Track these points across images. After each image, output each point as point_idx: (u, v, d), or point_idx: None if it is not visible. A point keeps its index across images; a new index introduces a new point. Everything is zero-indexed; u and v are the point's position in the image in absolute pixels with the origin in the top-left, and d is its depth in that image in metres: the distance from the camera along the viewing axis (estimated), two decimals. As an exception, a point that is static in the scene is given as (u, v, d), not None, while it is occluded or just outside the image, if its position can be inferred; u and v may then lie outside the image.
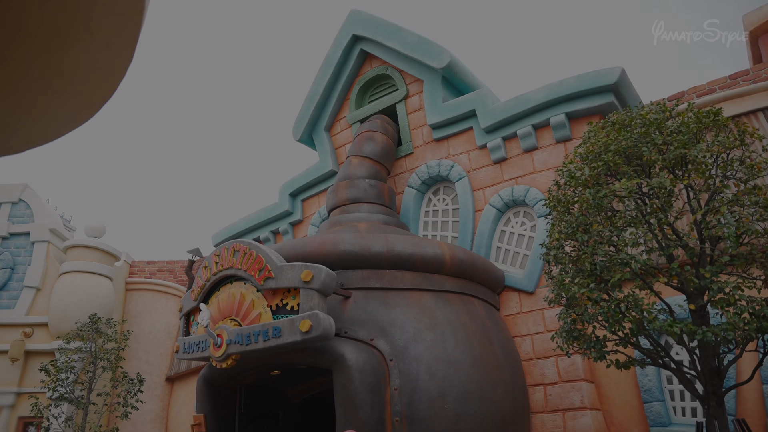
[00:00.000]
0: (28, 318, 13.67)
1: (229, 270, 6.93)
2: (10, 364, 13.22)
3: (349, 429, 6.24)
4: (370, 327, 6.91)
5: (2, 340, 13.44)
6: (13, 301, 14.01)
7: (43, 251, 14.42)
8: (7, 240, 14.73)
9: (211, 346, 6.85)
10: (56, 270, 14.19)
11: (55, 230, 14.87)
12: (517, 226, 8.94)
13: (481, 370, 7.09)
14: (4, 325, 13.62)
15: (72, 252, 14.24)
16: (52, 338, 13.31)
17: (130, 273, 16.04)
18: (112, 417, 13.37)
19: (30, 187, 15.39)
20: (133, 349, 14.58)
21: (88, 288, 13.49)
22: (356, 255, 7.31)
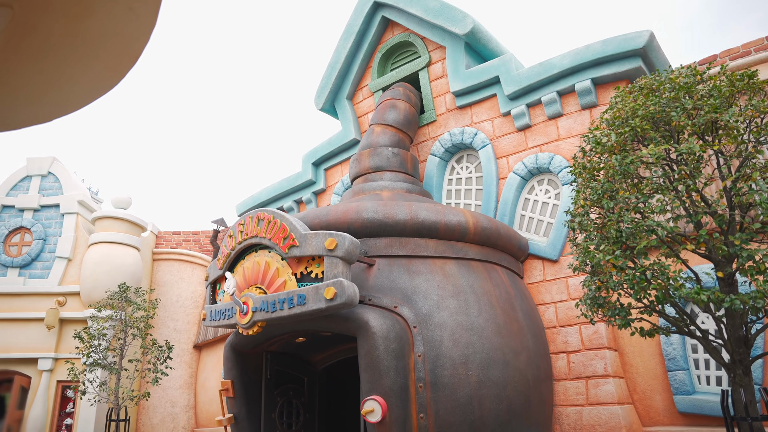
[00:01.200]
0: (61, 287, 14.05)
1: (254, 239, 7.01)
2: (47, 331, 13.66)
3: (374, 394, 6.34)
4: (394, 294, 6.96)
5: (38, 309, 13.88)
6: (46, 271, 14.40)
7: (72, 223, 14.73)
8: (38, 212, 15.06)
9: (237, 314, 6.97)
10: (86, 241, 14.51)
11: (84, 202, 15.15)
12: (541, 194, 8.87)
13: (505, 337, 7.12)
14: (39, 294, 14.05)
15: (100, 223, 14.52)
16: (84, 307, 13.68)
17: (157, 243, 16.33)
18: (143, 382, 13.79)
19: (58, 160, 15.65)
20: (162, 318, 14.94)
21: (117, 258, 13.79)
22: (380, 223, 7.33)
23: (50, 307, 13.66)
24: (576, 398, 7.63)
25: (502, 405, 6.80)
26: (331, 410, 9.39)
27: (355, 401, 8.27)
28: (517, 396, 6.96)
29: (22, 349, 13.69)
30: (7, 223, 14.97)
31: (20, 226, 14.91)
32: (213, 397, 14.00)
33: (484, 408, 6.67)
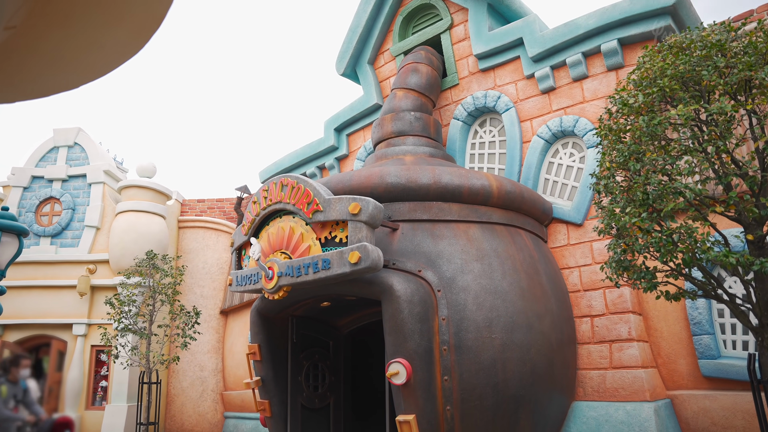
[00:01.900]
0: (90, 255, 14.36)
1: (278, 204, 7.07)
2: (80, 298, 14.04)
3: (398, 357, 6.43)
4: (418, 258, 7.00)
5: (70, 276, 14.24)
6: (76, 240, 14.71)
7: (99, 192, 14.96)
8: (66, 182, 15.32)
9: (262, 279, 7.08)
10: (113, 210, 14.76)
11: (109, 171, 15.35)
12: (566, 157, 8.76)
13: (528, 301, 7.13)
14: (70, 262, 14.39)
15: (126, 192, 14.73)
16: (113, 274, 14.00)
17: (182, 211, 16.54)
18: (172, 347, 14.15)
19: (83, 131, 15.84)
20: (188, 284, 15.23)
21: (143, 226, 14.01)
22: (403, 187, 7.33)
23: (81, 275, 14.01)
24: (599, 362, 7.65)
25: (526, 368, 6.85)
26: (356, 373, 9.55)
27: (380, 364, 8.39)
28: (540, 359, 7.00)
29: (58, 315, 14.12)
30: (38, 194, 15.28)
31: (50, 196, 15.20)
32: (240, 361, 14.32)
33: (507, 371, 6.73)
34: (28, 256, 14.17)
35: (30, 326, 14.34)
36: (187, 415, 14.77)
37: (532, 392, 6.89)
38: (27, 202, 15.19)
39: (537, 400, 6.95)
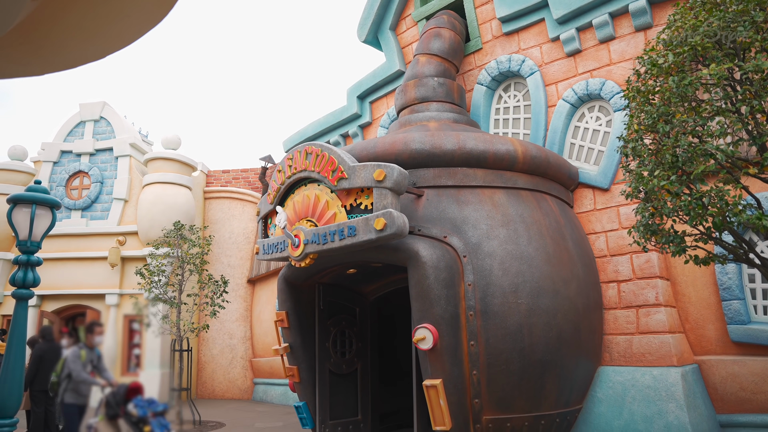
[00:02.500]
0: (120, 227, 14.65)
1: (303, 172, 7.09)
2: (111, 269, 14.38)
3: (425, 323, 6.49)
4: (443, 224, 6.99)
5: (101, 248, 14.57)
6: (105, 213, 15.00)
7: (126, 165, 15.17)
8: (94, 156, 15.56)
9: (289, 247, 7.15)
10: (140, 182, 14.97)
11: (135, 144, 15.54)
12: (592, 121, 8.61)
13: (554, 266, 7.11)
14: (100, 234, 14.71)
15: (152, 164, 14.92)
16: (142, 245, 14.27)
17: (207, 182, 16.72)
18: (202, 315, 14.44)
19: (109, 105, 16.00)
20: (216, 254, 15.47)
21: (170, 198, 14.22)
22: (427, 153, 7.30)
23: (112, 247, 14.31)
24: (626, 327, 7.62)
25: (552, 333, 6.86)
26: (382, 339, 9.66)
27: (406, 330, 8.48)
28: (566, 324, 7.00)
29: (91, 285, 14.50)
30: (67, 168, 15.56)
31: (79, 170, 15.48)
32: (268, 329, 14.60)
33: (533, 336, 6.75)
34: (61, 229, 14.51)
35: (66, 296, 14.77)
36: (217, 382, 15.16)
37: (558, 357, 6.91)
38: (57, 177, 15.50)
39: (563, 364, 6.97)
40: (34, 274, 6.27)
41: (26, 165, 15.95)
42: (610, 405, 7.31)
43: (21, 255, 6.24)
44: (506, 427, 6.73)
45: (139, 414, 6.34)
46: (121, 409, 6.33)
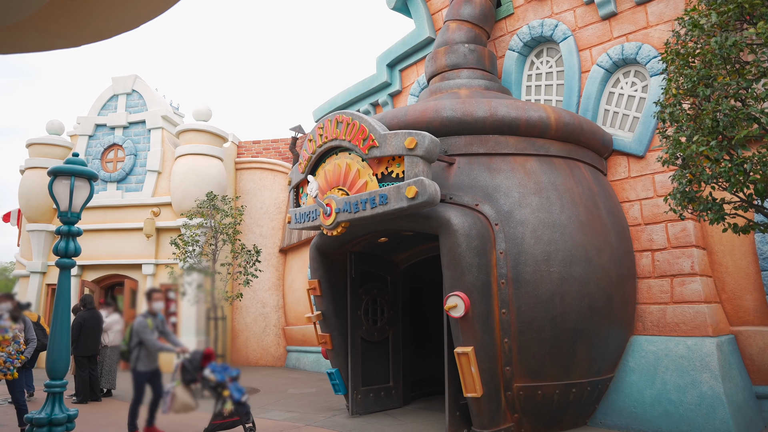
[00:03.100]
0: (154, 199, 14.93)
1: (334, 141, 7.10)
2: (146, 240, 14.71)
3: (457, 291, 6.51)
4: (475, 192, 6.96)
5: (136, 219, 14.90)
6: (140, 185, 15.30)
7: (158, 137, 15.39)
8: (127, 129, 15.81)
9: (321, 216, 7.21)
10: (172, 154, 15.18)
11: (167, 117, 15.71)
12: (627, 86, 8.40)
13: (587, 234, 7.04)
14: (136, 206, 15.03)
15: (184, 136, 15.09)
16: (176, 216, 14.54)
17: (238, 153, 16.87)
18: (235, 284, 14.73)
19: (140, 78, 16.17)
20: (248, 224, 15.69)
21: (202, 169, 14.40)
22: (459, 121, 7.23)
23: (147, 218, 14.62)
24: (660, 296, 7.53)
25: (584, 301, 6.83)
26: (413, 307, 9.73)
27: (437, 298, 8.53)
28: (599, 293, 6.96)
29: (128, 256, 14.88)
30: (102, 141, 15.85)
31: (113, 143, 15.76)
32: (300, 297, 14.82)
33: (566, 304, 6.73)
34: (97, 201, 14.86)
35: (104, 266, 15.20)
36: (251, 349, 15.51)
37: (591, 326, 6.89)
38: (93, 150, 15.81)
39: (595, 333, 6.95)
40: (75, 244, 6.45)
41: (63, 139, 16.30)
42: (642, 374, 7.28)
43: (62, 226, 6.42)
44: (537, 395, 6.77)
45: (218, 379, 6.59)
46: (198, 375, 6.57)
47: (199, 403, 6.74)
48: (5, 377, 4.51)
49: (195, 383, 6.63)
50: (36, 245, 15.71)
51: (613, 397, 7.39)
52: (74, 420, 6.20)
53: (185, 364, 6.64)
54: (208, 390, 6.69)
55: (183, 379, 6.60)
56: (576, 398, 7.00)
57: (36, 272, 15.63)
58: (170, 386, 6.59)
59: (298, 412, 8.69)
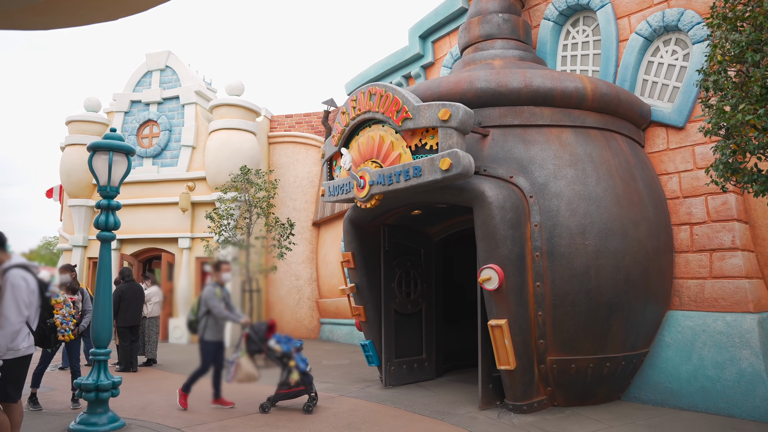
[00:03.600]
0: (188, 173, 15.16)
1: (367, 113, 7.09)
2: (182, 214, 14.99)
3: (491, 263, 6.50)
4: (509, 164, 6.90)
5: (172, 194, 15.17)
6: (175, 160, 15.53)
7: (192, 112, 15.55)
8: (161, 105, 16.01)
9: (354, 188, 7.24)
10: (206, 129, 15.35)
11: (200, 92, 15.85)
12: (667, 55, 8.15)
13: (624, 207, 6.93)
14: (171, 181, 15.29)
15: (217, 111, 15.22)
16: (210, 190, 14.75)
17: (271, 127, 16.97)
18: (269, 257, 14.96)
19: (173, 54, 16.31)
20: (281, 198, 15.85)
21: (236, 143, 14.53)
22: (493, 92, 7.14)
23: (182, 192, 14.87)
24: (698, 271, 7.39)
25: (620, 275, 6.75)
26: (447, 280, 9.75)
27: (470, 271, 8.53)
28: (635, 266, 6.86)
29: (164, 230, 15.19)
30: (137, 117, 16.10)
31: (148, 119, 15.99)
32: (333, 270, 14.97)
33: (601, 278, 6.67)
34: (134, 176, 15.16)
35: (142, 240, 15.56)
36: (285, 322, 15.77)
37: (626, 300, 6.82)
38: (129, 126, 16.08)
39: (630, 307, 6.87)
40: (114, 218, 6.62)
41: (100, 116, 16.61)
42: (678, 350, 7.19)
43: (102, 200, 6.58)
44: (571, 368, 6.76)
45: (284, 349, 6.77)
46: (263, 345, 6.75)
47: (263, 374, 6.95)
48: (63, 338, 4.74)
49: (260, 353, 6.82)
50: (77, 220, 16.16)
51: (648, 372, 7.33)
52: (118, 387, 6.43)
53: (250, 334, 6.82)
54: (274, 360, 6.87)
55: (248, 350, 6.79)
56: (610, 372, 6.97)
57: (78, 246, 16.11)
58: (235, 356, 6.78)
59: (332, 383, 8.84)
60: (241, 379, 6.71)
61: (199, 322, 6.95)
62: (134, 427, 6.23)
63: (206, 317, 6.90)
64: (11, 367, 4.56)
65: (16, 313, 4.49)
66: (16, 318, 4.49)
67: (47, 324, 4.67)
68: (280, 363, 6.91)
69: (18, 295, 4.52)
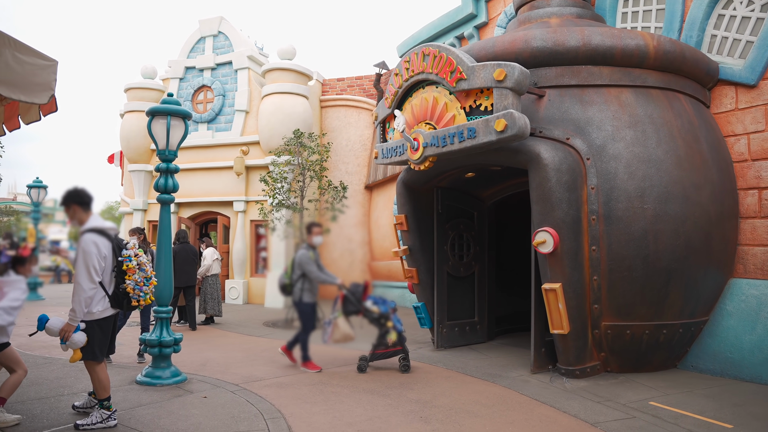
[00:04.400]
0: (242, 138, 15.41)
1: (421, 74, 7.00)
2: (237, 178, 15.31)
3: (545, 226, 6.41)
4: (566, 126, 6.72)
5: (226, 158, 15.50)
6: (229, 124, 15.80)
7: (245, 77, 15.71)
8: (215, 70, 16.23)
9: (408, 150, 7.21)
10: (258, 93, 15.50)
11: (253, 57, 15.97)
12: (741, 6, 7.67)
13: (686, 170, 6.68)
14: (225, 145, 15.59)
15: (269, 75, 15.33)
16: (264, 154, 14.99)
17: (323, 91, 17.01)
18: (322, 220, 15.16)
19: (225, 19, 16.43)
20: (334, 161, 15.96)
21: (288, 107, 14.65)
22: (549, 51, 6.93)
23: (236, 156, 15.15)
24: (766, 238, 7.08)
25: (680, 240, 6.56)
26: (500, 243, 9.69)
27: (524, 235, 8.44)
28: (696, 232, 6.64)
29: (220, 193, 15.58)
30: (192, 83, 16.39)
31: (202, 84, 16.26)
32: (385, 234, 15.07)
33: (659, 243, 6.49)
34: (190, 141, 15.53)
35: (198, 204, 16.02)
36: (338, 284, 16.06)
37: (686, 266, 6.62)
38: (183, 92, 16.40)
39: (690, 274, 6.68)
40: (173, 180, 6.82)
41: (157, 83, 16.99)
42: (741, 319, 6.96)
43: (161, 163, 6.78)
44: (625, 334, 6.66)
45: (382, 310, 6.96)
46: (362, 306, 6.95)
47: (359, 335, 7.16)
48: (136, 304, 4.91)
49: (358, 314, 7.00)
50: (137, 184, 16.73)
51: (708, 341, 7.13)
52: (180, 343, 6.72)
53: (348, 296, 6.99)
54: (372, 321, 7.04)
55: (345, 311, 6.98)
56: (666, 340, 6.83)
57: (138, 209, 16.72)
58: (332, 317, 6.96)
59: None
60: (337, 340, 6.90)
61: (294, 285, 7.09)
62: (195, 381, 6.51)
63: (302, 280, 7.05)
64: (93, 328, 4.75)
65: (87, 280, 4.58)
66: (88, 285, 4.58)
67: (120, 289, 4.84)
68: (378, 324, 7.05)
69: (89, 262, 4.59)
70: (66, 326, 4.60)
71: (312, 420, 5.10)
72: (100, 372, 4.83)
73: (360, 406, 5.57)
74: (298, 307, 7.16)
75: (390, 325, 7.01)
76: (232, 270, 15.35)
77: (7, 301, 4.83)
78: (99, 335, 4.80)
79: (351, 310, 6.99)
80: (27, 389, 5.99)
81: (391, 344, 7.02)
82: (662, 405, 5.60)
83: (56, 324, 4.63)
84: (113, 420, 4.82)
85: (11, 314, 4.85)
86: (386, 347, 7.05)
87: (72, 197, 4.82)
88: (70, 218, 4.89)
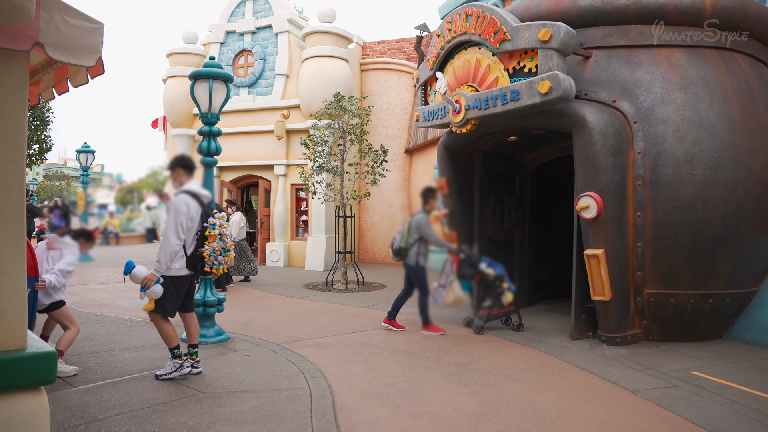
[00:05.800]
0: (283, 102, 15.45)
1: (463, 36, 6.85)
2: (277, 142, 15.42)
3: (589, 191, 6.29)
4: (613, 88, 6.51)
5: (267, 122, 15.59)
6: (269, 88, 15.84)
7: (285, 41, 15.66)
8: (255, 34, 16.21)
9: (449, 113, 7.12)
10: (299, 57, 15.45)
11: (293, 20, 15.88)
12: (805, -39, 7.23)
13: (740, 134, 6.41)
14: (266, 109, 15.67)
15: (310, 39, 15.24)
16: (304, 118, 15.01)
17: (363, 54, 16.84)
18: (362, 183, 15.20)
19: (265, -19, 16.31)
20: (374, 125, 15.89)
21: (328, 71, 14.57)
22: (597, 10, 6.67)
23: (277, 120, 15.22)
24: (823, 206, 6.77)
25: (731, 208, 6.34)
26: (542, 208, 9.56)
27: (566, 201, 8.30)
28: (749, 199, 6.41)
29: (260, 157, 15.74)
30: (232, 47, 16.43)
31: (243, 49, 16.27)
32: (424, 199, 15.03)
33: (708, 210, 6.30)
34: (231, 105, 15.65)
35: (240, 168, 16.23)
36: (377, 248, 16.16)
37: (736, 234, 6.41)
38: (224, 57, 16.47)
39: (740, 243, 6.46)
40: (215, 143, 6.92)
41: (198, 48, 17.08)
42: (793, 289, 6.73)
43: (204, 126, 6.87)
44: (669, 303, 6.53)
45: (497, 272, 7.15)
46: (479, 269, 7.13)
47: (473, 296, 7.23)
48: (209, 270, 5.09)
49: (475, 277, 7.17)
50: (180, 149, 17.01)
51: (757, 312, 6.92)
52: (223, 303, 6.91)
53: (464, 259, 7.12)
54: (488, 283, 7.19)
55: (461, 274, 7.13)
56: (712, 309, 6.67)
57: (182, 172, 17.01)
58: (447, 281, 7.10)
59: (422, 306, 9.04)
60: (450, 303, 7.04)
61: (410, 248, 7.17)
62: (238, 340, 6.71)
63: (418, 244, 7.12)
64: (167, 284, 4.99)
65: (174, 235, 4.90)
66: (174, 240, 4.90)
67: (198, 252, 5.08)
68: (493, 286, 7.18)
69: (178, 218, 4.92)
70: (150, 275, 4.88)
71: (352, 380, 5.20)
72: (166, 325, 5.10)
73: (399, 367, 5.66)
74: (413, 270, 7.22)
75: (506, 287, 7.14)
76: (273, 233, 15.59)
77: (63, 264, 5.18)
78: (172, 291, 5.04)
79: (469, 273, 7.10)
80: (82, 344, 6.28)
81: (507, 304, 7.20)
82: (705, 375, 5.51)
83: (141, 272, 4.90)
84: (186, 368, 5.11)
85: (65, 276, 5.21)
86: (501, 307, 7.23)
87: (179, 161, 5.24)
88: (173, 180, 5.25)
